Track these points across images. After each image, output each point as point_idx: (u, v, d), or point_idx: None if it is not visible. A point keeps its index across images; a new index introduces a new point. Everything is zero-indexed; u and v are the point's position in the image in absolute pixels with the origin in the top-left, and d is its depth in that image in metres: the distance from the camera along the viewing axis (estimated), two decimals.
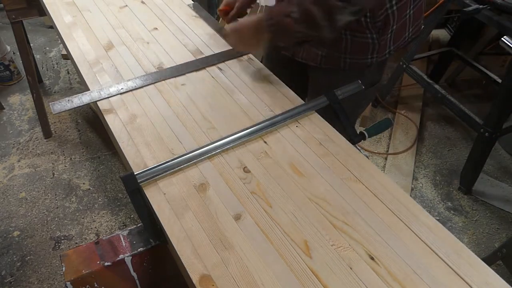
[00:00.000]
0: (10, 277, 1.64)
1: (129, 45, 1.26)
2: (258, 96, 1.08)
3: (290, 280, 0.68)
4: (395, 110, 2.44)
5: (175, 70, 1.16)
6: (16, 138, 2.27)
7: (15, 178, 2.04)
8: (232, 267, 0.70)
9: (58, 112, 1.00)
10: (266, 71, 1.18)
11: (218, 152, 0.91)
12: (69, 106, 1.02)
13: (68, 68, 2.83)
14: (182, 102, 1.06)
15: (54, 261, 1.70)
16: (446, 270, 0.71)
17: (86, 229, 1.81)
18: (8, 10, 1.86)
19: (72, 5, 1.45)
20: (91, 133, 2.32)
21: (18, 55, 2.18)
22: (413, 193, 2.00)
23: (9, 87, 2.66)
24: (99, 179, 2.04)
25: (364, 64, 1.13)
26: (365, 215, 0.79)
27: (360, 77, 1.13)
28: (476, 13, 1.74)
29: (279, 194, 0.83)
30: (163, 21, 1.40)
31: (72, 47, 1.24)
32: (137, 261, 0.83)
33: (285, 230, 0.76)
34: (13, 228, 1.81)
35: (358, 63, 1.13)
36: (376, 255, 0.73)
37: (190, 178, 0.86)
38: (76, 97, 1.04)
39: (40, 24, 3.28)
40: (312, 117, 1.03)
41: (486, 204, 1.96)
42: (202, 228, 0.76)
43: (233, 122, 1.00)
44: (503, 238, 1.81)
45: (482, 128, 1.81)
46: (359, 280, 0.69)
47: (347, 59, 1.12)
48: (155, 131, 0.97)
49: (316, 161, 0.90)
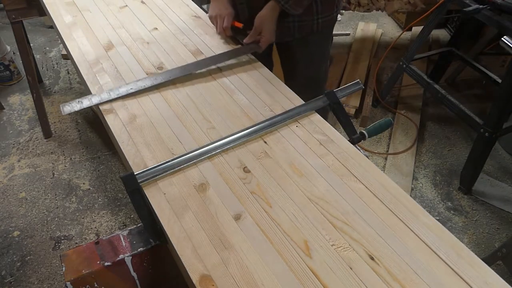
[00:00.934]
0: (10, 277, 1.64)
1: (129, 45, 1.26)
2: (258, 96, 1.08)
3: (290, 280, 0.68)
4: (395, 110, 2.44)
5: (182, 69, 1.15)
6: (16, 138, 2.27)
7: (15, 178, 2.04)
8: (232, 267, 0.70)
9: (68, 113, 1.00)
10: (266, 71, 1.18)
11: (218, 152, 0.91)
12: (78, 107, 1.02)
13: (68, 68, 2.83)
14: (182, 102, 1.06)
15: (54, 261, 1.70)
16: (446, 270, 0.71)
17: (86, 229, 1.81)
18: (8, 10, 1.86)
19: (72, 5, 1.45)
20: (91, 133, 2.31)
21: (18, 55, 2.18)
22: (413, 193, 1.99)
23: (9, 87, 2.65)
24: (99, 179, 2.04)
25: (332, 19, 1.30)
26: (365, 215, 0.79)
27: (329, 37, 1.36)
28: (476, 13, 1.74)
29: (279, 194, 0.83)
30: (163, 21, 1.40)
31: (72, 47, 1.24)
32: (137, 261, 0.83)
33: (285, 230, 0.76)
34: (13, 228, 1.81)
35: (328, 20, 1.30)
36: (376, 255, 0.72)
37: (190, 178, 0.86)
38: (86, 99, 1.04)
39: (40, 24, 3.28)
40: (312, 117, 1.03)
41: (486, 204, 1.96)
42: (202, 228, 0.76)
43: (233, 122, 1.00)
44: (503, 238, 1.81)
45: (482, 128, 1.81)
46: (359, 280, 0.69)
47: (319, 19, 1.28)
48: (155, 131, 0.97)
49: (316, 161, 0.90)
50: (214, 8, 1.27)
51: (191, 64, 1.17)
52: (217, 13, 1.26)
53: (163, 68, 1.17)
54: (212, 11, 1.28)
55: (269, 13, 1.16)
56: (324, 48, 1.43)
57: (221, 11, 1.25)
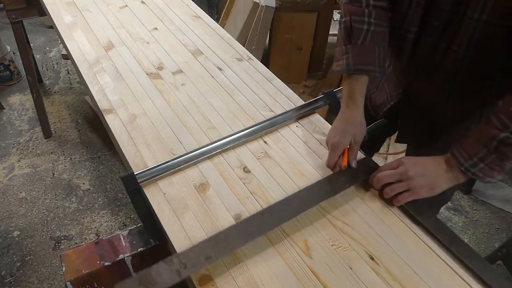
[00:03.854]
0: (10, 277, 1.63)
1: (129, 45, 1.26)
2: (258, 96, 1.08)
3: (290, 280, 0.68)
4: None
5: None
6: (16, 138, 2.27)
7: (15, 178, 2.04)
8: (232, 267, 0.70)
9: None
10: (266, 71, 1.18)
11: (218, 152, 0.91)
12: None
13: (68, 68, 2.83)
14: (182, 102, 1.06)
15: (54, 261, 1.70)
16: (446, 270, 0.71)
17: (86, 229, 1.81)
18: (8, 10, 1.86)
19: (72, 5, 1.45)
20: (91, 133, 2.31)
21: (18, 55, 2.17)
22: None
23: (9, 87, 2.65)
24: (99, 179, 2.04)
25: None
26: (365, 215, 0.79)
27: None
28: None
29: (279, 194, 0.83)
30: (163, 21, 1.40)
31: (72, 47, 1.23)
32: (137, 261, 0.83)
33: (285, 230, 0.76)
34: (13, 228, 1.81)
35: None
36: (376, 255, 0.72)
37: (190, 178, 0.86)
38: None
39: (40, 24, 3.28)
40: (312, 117, 1.03)
41: (486, 204, 1.96)
42: (202, 228, 0.76)
43: (233, 122, 1.00)
44: (503, 238, 1.81)
45: None
46: (359, 280, 0.69)
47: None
48: (155, 131, 0.96)
49: (316, 161, 0.90)
50: (343, 131, 0.86)
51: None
52: (341, 141, 0.85)
53: (162, 68, 1.17)
54: (335, 135, 0.86)
55: (436, 169, 0.78)
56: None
57: (345, 140, 0.85)
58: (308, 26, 2.47)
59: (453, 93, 0.84)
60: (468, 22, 0.73)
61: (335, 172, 0.86)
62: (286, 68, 2.60)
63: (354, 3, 0.84)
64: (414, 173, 0.77)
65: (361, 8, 0.83)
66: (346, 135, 0.85)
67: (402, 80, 0.93)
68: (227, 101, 1.07)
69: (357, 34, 0.83)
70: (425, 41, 0.82)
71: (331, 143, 0.86)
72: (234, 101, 1.06)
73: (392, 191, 0.79)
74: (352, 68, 0.84)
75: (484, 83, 0.81)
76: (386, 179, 0.80)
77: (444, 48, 0.79)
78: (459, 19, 0.74)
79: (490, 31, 0.72)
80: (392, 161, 0.82)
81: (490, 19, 0.71)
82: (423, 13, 0.79)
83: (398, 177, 0.79)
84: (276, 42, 2.53)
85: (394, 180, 0.79)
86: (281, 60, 2.59)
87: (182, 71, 1.16)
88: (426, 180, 0.77)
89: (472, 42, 0.75)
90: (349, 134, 0.85)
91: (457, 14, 0.74)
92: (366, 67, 0.84)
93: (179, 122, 0.99)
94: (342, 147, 0.85)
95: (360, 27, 0.83)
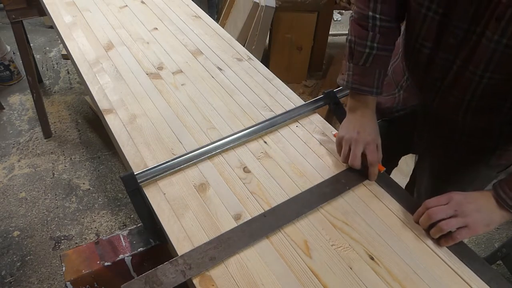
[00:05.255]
0: (10, 277, 1.64)
1: (129, 45, 1.26)
2: (258, 96, 1.08)
3: (290, 280, 0.68)
4: None
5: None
6: (16, 138, 2.27)
7: (15, 178, 2.04)
8: (232, 267, 0.70)
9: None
10: (266, 71, 1.18)
11: (218, 152, 0.91)
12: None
13: (68, 68, 2.83)
14: (182, 102, 1.06)
15: (54, 261, 1.70)
16: (446, 270, 0.71)
17: (86, 229, 1.81)
18: (8, 10, 1.86)
19: (72, 5, 1.45)
20: (91, 133, 2.31)
21: (18, 55, 2.18)
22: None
23: (9, 87, 2.65)
24: (99, 179, 2.04)
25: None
26: (365, 215, 0.79)
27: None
28: None
29: (279, 194, 0.83)
30: (163, 21, 1.40)
31: (72, 47, 1.23)
32: (137, 261, 0.83)
33: (285, 230, 0.76)
34: (13, 228, 1.81)
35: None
36: (376, 255, 0.72)
37: (190, 178, 0.86)
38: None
39: (40, 24, 3.28)
40: (312, 117, 1.03)
41: None
42: (202, 228, 0.76)
43: (233, 122, 1.00)
44: (503, 238, 1.81)
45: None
46: (359, 280, 0.69)
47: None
48: (155, 131, 0.96)
49: (316, 161, 0.90)
50: (354, 128, 0.87)
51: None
52: (353, 136, 0.85)
53: (162, 68, 1.17)
54: (346, 131, 0.87)
55: (488, 205, 0.74)
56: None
57: (362, 136, 0.85)
58: (308, 26, 2.48)
59: (469, 110, 0.83)
60: (486, 44, 0.70)
61: (336, 173, 0.88)
62: (286, 68, 2.61)
63: (361, 22, 0.84)
64: (469, 208, 0.73)
65: (366, 31, 0.84)
66: (362, 134, 0.86)
67: (418, 91, 0.93)
68: (227, 101, 1.07)
69: (358, 56, 0.86)
70: (440, 57, 0.80)
71: (343, 138, 0.87)
72: (234, 101, 1.06)
73: (448, 226, 0.72)
74: (351, 86, 0.89)
75: (503, 104, 0.79)
76: (439, 215, 0.73)
77: (460, 66, 0.77)
78: (476, 39, 0.71)
79: (510, 54, 0.68)
80: (439, 196, 0.76)
81: (510, 43, 0.66)
82: (438, 30, 0.77)
83: (452, 213, 0.73)
84: (276, 42, 2.53)
85: (447, 216, 0.73)
86: (281, 60, 2.59)
87: (182, 71, 1.16)
88: (483, 216, 0.73)
89: (491, 64, 0.71)
90: (369, 132, 0.87)
91: (474, 33, 0.71)
92: (363, 87, 0.88)
93: (179, 122, 0.99)
94: (357, 142, 0.85)
95: (362, 50, 0.85)
